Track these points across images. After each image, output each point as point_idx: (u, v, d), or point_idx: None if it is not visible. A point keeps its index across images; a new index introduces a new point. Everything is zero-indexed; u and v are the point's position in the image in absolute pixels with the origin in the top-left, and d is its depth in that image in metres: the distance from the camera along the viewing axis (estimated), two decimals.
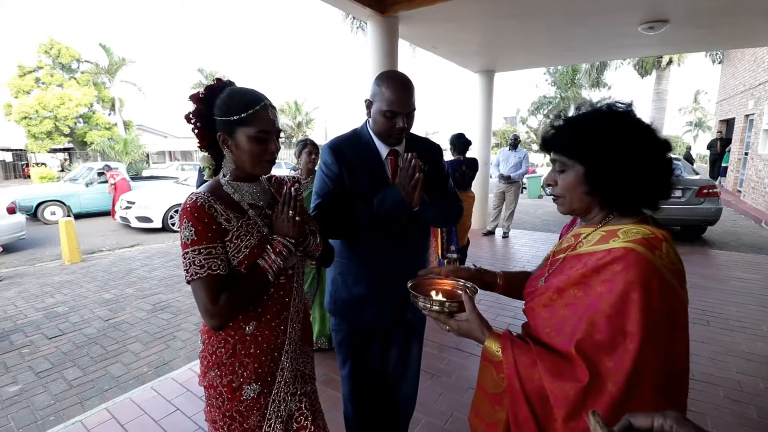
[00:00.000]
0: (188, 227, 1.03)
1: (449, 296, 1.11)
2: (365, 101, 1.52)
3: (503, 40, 5.63)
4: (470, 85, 7.81)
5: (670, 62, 16.61)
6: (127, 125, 25.10)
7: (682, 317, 0.81)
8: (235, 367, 1.12)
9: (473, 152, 7.27)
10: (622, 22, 4.76)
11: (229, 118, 1.08)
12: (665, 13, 4.45)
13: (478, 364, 1.03)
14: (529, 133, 31.45)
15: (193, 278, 1.02)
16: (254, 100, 1.10)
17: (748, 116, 11.92)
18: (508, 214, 7.04)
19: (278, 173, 1.41)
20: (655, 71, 17.11)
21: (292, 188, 1.18)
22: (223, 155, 1.17)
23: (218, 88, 1.14)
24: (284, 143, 31.71)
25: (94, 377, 2.98)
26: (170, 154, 30.55)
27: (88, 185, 10.55)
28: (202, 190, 1.11)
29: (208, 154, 1.22)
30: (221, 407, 1.13)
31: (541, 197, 13.66)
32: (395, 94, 1.41)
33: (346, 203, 1.48)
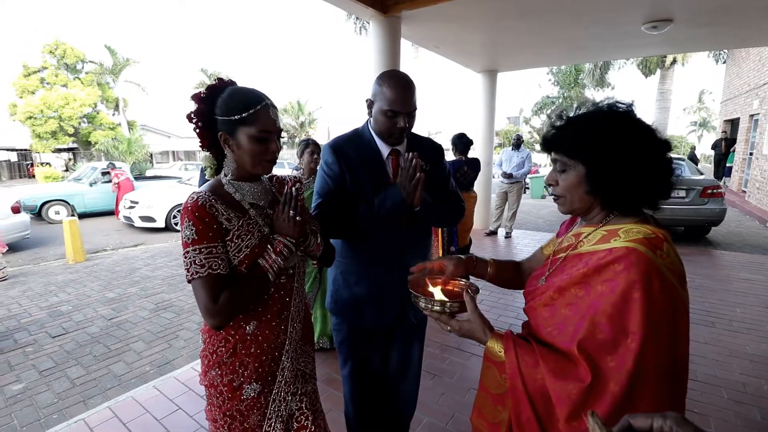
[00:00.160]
0: (189, 226, 1.04)
1: (451, 296, 1.11)
2: (366, 101, 1.52)
3: (506, 39, 5.62)
4: (473, 84, 7.79)
5: (674, 62, 16.54)
6: (130, 125, 25.23)
7: (682, 317, 0.81)
8: (235, 366, 1.12)
9: (475, 152, 7.29)
10: (625, 21, 4.74)
11: (230, 117, 1.09)
12: (669, 12, 4.43)
13: (479, 364, 1.02)
14: (532, 133, 31.39)
15: (193, 277, 1.03)
16: (255, 99, 1.10)
17: (753, 116, 11.84)
18: (510, 214, 7.02)
19: (281, 173, 1.41)
20: (659, 71, 17.05)
21: (293, 188, 1.18)
22: (224, 155, 1.17)
23: (220, 87, 1.14)
24: (287, 143, 31.79)
25: (96, 376, 2.99)
26: (173, 153, 30.65)
27: (92, 185, 10.61)
28: (203, 189, 1.12)
29: (209, 153, 1.22)
30: (222, 406, 1.13)
31: (544, 197, 13.62)
32: (396, 93, 1.41)
33: (347, 203, 1.48)
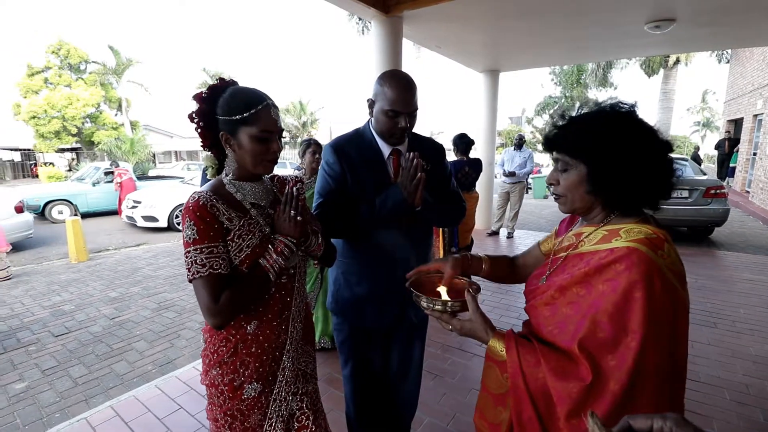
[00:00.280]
0: (190, 226, 1.04)
1: (452, 295, 1.11)
2: (368, 101, 1.52)
3: (508, 39, 5.61)
4: (475, 84, 7.79)
5: (677, 62, 16.46)
6: (133, 125, 25.30)
7: (682, 317, 0.81)
8: (236, 365, 1.12)
9: (477, 152, 7.28)
10: (628, 20, 4.73)
11: (231, 117, 1.09)
12: (672, 11, 4.42)
13: (481, 364, 1.02)
14: (534, 133, 31.33)
15: (194, 277, 1.03)
16: (256, 99, 1.10)
17: (756, 116, 11.79)
18: (512, 214, 7.01)
19: (282, 173, 1.42)
20: (662, 70, 16.96)
21: (294, 188, 1.18)
22: (225, 154, 1.17)
23: (221, 87, 1.14)
24: (289, 143, 31.82)
25: (99, 375, 3.00)
26: (176, 153, 30.73)
27: (95, 185, 10.65)
28: (204, 189, 1.12)
29: (211, 153, 1.22)
30: (223, 406, 1.14)
31: (546, 197, 13.60)
32: (397, 93, 1.40)
33: (348, 203, 1.48)
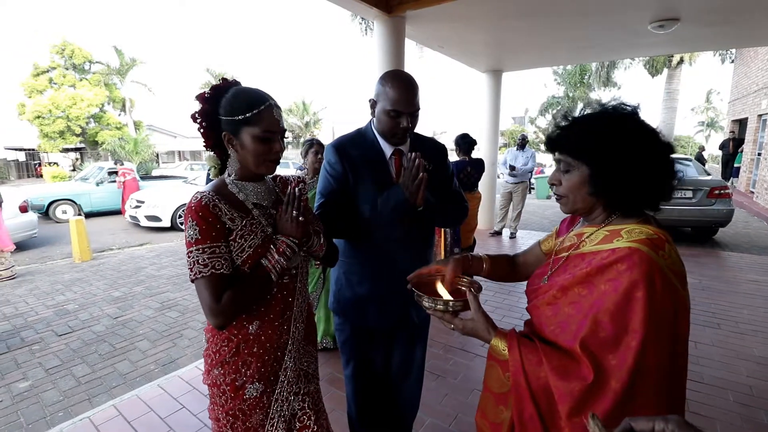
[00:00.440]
0: (193, 226, 1.04)
1: (454, 295, 1.11)
2: (369, 101, 1.52)
3: (510, 39, 5.60)
4: (478, 84, 7.78)
5: (681, 61, 16.38)
6: (137, 125, 25.40)
7: (683, 317, 0.81)
8: (238, 365, 1.13)
9: (480, 152, 7.26)
10: (632, 20, 4.71)
11: (234, 117, 1.09)
12: (676, 11, 4.40)
13: (483, 365, 1.02)
14: (537, 133, 31.26)
15: (196, 277, 1.03)
16: (259, 100, 1.10)
17: (761, 116, 11.72)
18: (515, 214, 7.00)
19: (285, 173, 1.42)
20: (666, 70, 16.88)
21: (296, 188, 1.18)
22: (228, 155, 1.17)
23: (224, 87, 1.14)
24: (292, 143, 31.87)
25: (102, 374, 3.02)
26: (179, 153, 30.86)
27: (98, 184, 10.71)
28: (206, 189, 1.12)
29: (213, 153, 1.22)
30: (224, 405, 1.14)
31: (549, 197, 13.57)
32: (399, 93, 1.40)
33: (350, 203, 1.48)
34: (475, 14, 4.49)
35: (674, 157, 0.90)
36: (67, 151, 24.29)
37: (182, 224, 8.78)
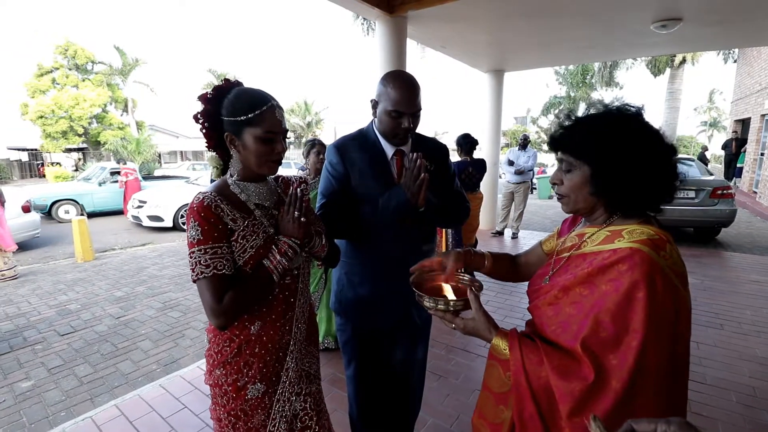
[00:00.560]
0: (195, 227, 1.04)
1: (455, 294, 1.11)
2: (371, 101, 1.52)
3: (513, 39, 5.59)
4: (480, 85, 7.77)
5: (683, 61, 16.35)
6: (139, 125, 25.47)
7: (684, 317, 0.81)
8: (240, 366, 1.13)
9: (482, 152, 7.26)
10: (634, 20, 4.70)
11: (236, 118, 1.09)
12: (678, 10, 4.38)
13: (485, 365, 1.02)
14: (539, 133, 31.20)
15: (198, 277, 1.03)
16: (261, 100, 1.10)
17: (764, 116, 11.68)
18: (517, 214, 7.00)
19: (287, 173, 1.42)
20: (668, 70, 16.85)
21: (298, 189, 1.18)
22: (230, 155, 1.17)
23: (226, 88, 1.14)
24: (294, 143, 31.89)
25: (104, 374, 3.02)
26: (182, 153, 30.91)
27: (101, 184, 10.73)
28: (209, 189, 1.12)
29: (215, 154, 1.23)
30: (226, 406, 1.14)
31: (551, 198, 13.55)
32: (401, 94, 1.40)
33: (351, 203, 1.48)
34: (477, 14, 4.49)
35: (677, 158, 0.89)
36: (69, 151, 24.36)
37: (184, 224, 8.77)
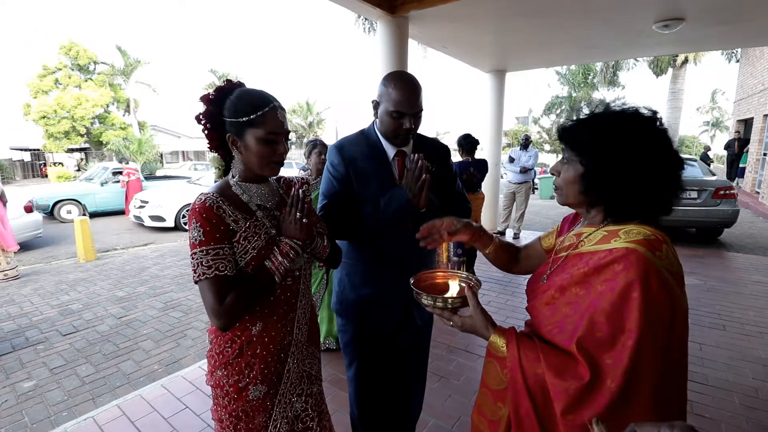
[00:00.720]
0: (196, 228, 1.04)
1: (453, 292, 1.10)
2: (372, 102, 1.52)
3: (514, 39, 5.59)
4: (481, 85, 7.76)
5: (686, 61, 16.30)
6: (141, 126, 25.52)
7: (680, 318, 0.81)
8: (241, 367, 1.13)
9: (483, 152, 7.25)
10: (636, 20, 4.69)
11: (238, 119, 1.09)
12: (680, 10, 4.37)
13: None
14: (541, 133, 31.17)
15: (200, 278, 1.03)
16: (263, 101, 1.10)
17: (767, 116, 11.64)
18: (518, 214, 6.99)
19: (289, 173, 1.42)
20: (670, 70, 16.80)
21: (300, 190, 1.18)
22: (232, 156, 1.17)
23: (228, 89, 1.14)
24: (295, 143, 31.92)
25: (106, 374, 3.03)
26: (183, 154, 30.94)
27: (103, 184, 10.76)
28: (210, 190, 1.12)
29: (217, 154, 1.23)
30: (228, 407, 1.14)
31: (552, 198, 13.52)
32: (402, 94, 1.40)
33: (352, 204, 1.48)
34: (478, 14, 4.48)
35: (682, 171, 0.87)
36: (72, 151, 24.42)
37: (186, 224, 8.85)
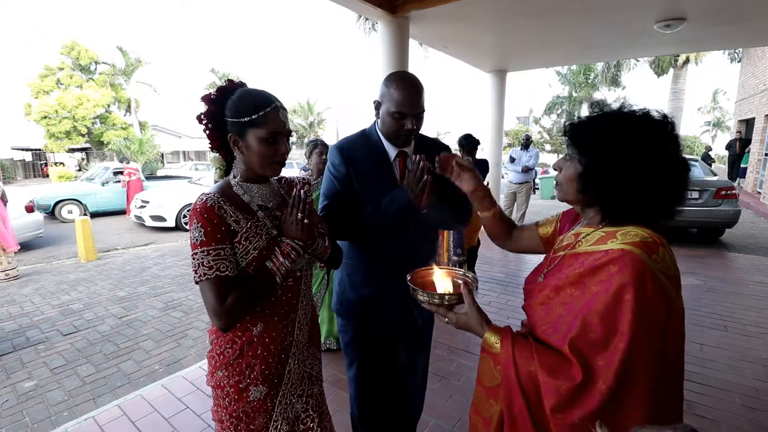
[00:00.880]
0: (198, 228, 1.04)
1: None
2: (374, 102, 1.51)
3: (515, 39, 5.58)
4: (482, 85, 7.76)
5: (687, 61, 16.27)
6: (142, 126, 25.53)
7: (676, 321, 0.81)
8: (242, 367, 1.12)
9: (484, 152, 7.24)
10: (637, 20, 4.68)
11: (239, 119, 1.09)
12: (682, 10, 4.36)
13: None
14: (542, 133, 31.15)
15: (201, 279, 1.03)
16: (265, 101, 1.10)
17: None
18: (519, 215, 6.99)
19: (290, 173, 1.42)
20: (671, 70, 16.78)
21: (301, 190, 1.18)
22: (234, 156, 1.17)
23: (229, 89, 1.14)
24: (296, 143, 31.94)
25: (106, 374, 3.03)
26: (184, 154, 30.95)
27: (104, 184, 10.77)
28: (212, 191, 1.12)
29: (219, 154, 1.23)
30: (228, 407, 1.14)
31: (553, 198, 13.50)
32: (404, 95, 1.40)
33: (353, 204, 1.48)
34: (479, 14, 4.48)
35: (687, 178, 0.86)
36: (73, 151, 24.43)
37: (187, 224, 8.79)
